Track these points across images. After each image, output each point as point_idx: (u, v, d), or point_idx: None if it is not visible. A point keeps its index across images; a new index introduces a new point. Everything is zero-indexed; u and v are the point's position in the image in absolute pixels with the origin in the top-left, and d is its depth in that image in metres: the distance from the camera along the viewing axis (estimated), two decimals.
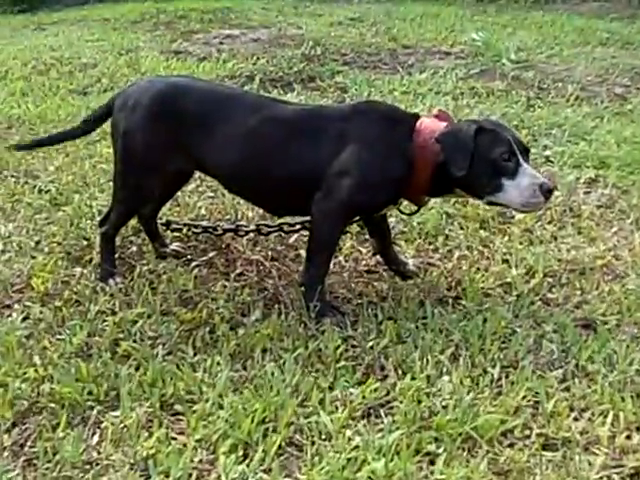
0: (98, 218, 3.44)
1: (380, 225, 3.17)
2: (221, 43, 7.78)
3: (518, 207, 2.80)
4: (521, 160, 2.75)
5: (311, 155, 2.85)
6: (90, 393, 2.46)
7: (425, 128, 2.84)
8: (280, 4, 10.03)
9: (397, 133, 2.85)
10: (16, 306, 3.01)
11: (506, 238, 3.57)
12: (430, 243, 3.51)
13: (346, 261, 3.36)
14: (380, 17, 8.85)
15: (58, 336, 2.79)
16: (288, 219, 3.40)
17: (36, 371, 2.56)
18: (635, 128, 5.09)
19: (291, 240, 3.49)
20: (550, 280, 3.21)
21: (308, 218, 2.95)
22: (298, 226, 3.36)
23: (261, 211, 3.61)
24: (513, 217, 3.73)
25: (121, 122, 3.07)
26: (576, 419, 2.39)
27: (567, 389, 2.52)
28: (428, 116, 2.95)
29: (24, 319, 2.91)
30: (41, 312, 2.94)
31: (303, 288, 2.94)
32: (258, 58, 6.79)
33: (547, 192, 2.73)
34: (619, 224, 3.77)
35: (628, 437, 2.31)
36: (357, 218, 3.10)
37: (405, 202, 3.01)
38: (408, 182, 2.83)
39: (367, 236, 3.37)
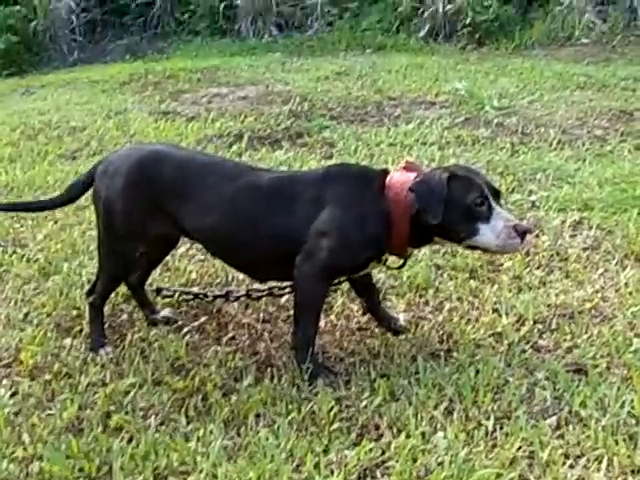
0: (87, 287, 3.45)
1: (366, 284, 3.19)
2: (209, 102, 7.85)
3: (496, 249, 2.84)
4: (493, 204, 2.80)
5: (289, 220, 2.90)
6: (81, 470, 2.44)
7: (396, 182, 2.89)
8: (267, 61, 10.15)
9: (370, 191, 2.90)
10: (4, 381, 2.99)
11: (495, 287, 3.58)
12: (420, 296, 3.52)
13: (338, 319, 3.36)
14: (366, 70, 8.94)
15: (48, 411, 2.77)
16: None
17: (25, 450, 2.54)
18: (615, 169, 5.14)
19: (282, 301, 3.49)
20: (540, 326, 3.23)
21: None
22: (288, 289, 3.37)
23: None
24: (502, 265, 3.75)
25: (102, 190, 3.11)
26: (572, 466, 2.40)
27: (561, 436, 2.54)
28: (397, 169, 2.99)
29: (12, 395, 2.88)
30: (30, 387, 2.92)
31: (294, 350, 2.96)
32: (246, 116, 6.85)
33: (522, 233, 2.78)
34: (605, 265, 3.78)
35: None
36: (342, 278, 3.12)
37: (392, 257, 3.03)
38: (388, 237, 2.87)
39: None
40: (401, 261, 3.05)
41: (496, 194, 2.88)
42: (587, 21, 12.62)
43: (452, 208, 2.77)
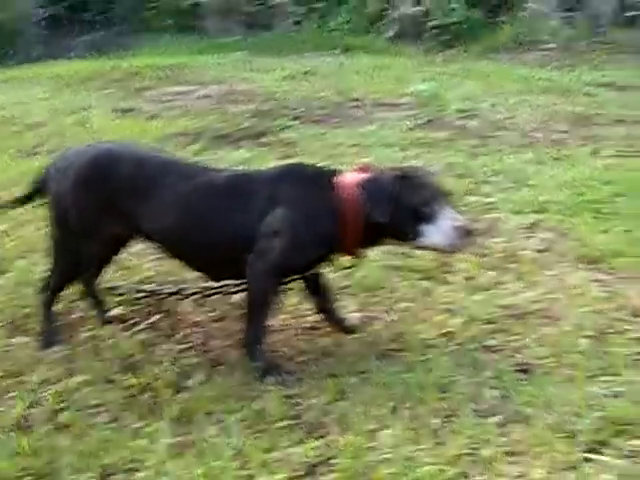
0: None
1: (319, 283, 3.21)
2: (173, 100, 7.86)
3: (443, 249, 2.90)
4: (442, 204, 2.85)
5: (242, 219, 2.92)
6: (28, 468, 2.44)
7: (348, 182, 2.92)
8: (234, 59, 10.16)
9: (322, 190, 2.93)
10: None
11: (448, 287, 3.62)
12: (374, 296, 3.56)
13: (290, 318, 3.38)
14: (331, 70, 9.01)
15: None
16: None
17: None
18: (574, 172, 5.24)
19: (235, 299, 3.51)
20: (490, 327, 3.27)
21: None
22: (241, 287, 3.38)
23: None
24: (455, 266, 3.79)
25: (54, 187, 3.12)
26: (513, 463, 2.43)
27: (505, 434, 2.56)
28: (350, 170, 3.02)
29: None
30: None
31: (245, 348, 2.97)
32: (208, 114, 6.86)
33: (468, 233, 2.83)
34: (557, 267, 3.85)
35: (562, 477, 2.35)
36: (294, 277, 3.14)
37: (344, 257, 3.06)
38: (339, 237, 2.90)
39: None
40: (353, 261, 3.08)
41: (445, 195, 2.92)
42: (553, 26, 12.78)
43: (401, 208, 2.82)
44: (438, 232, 2.82)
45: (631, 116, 7.19)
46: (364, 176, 2.92)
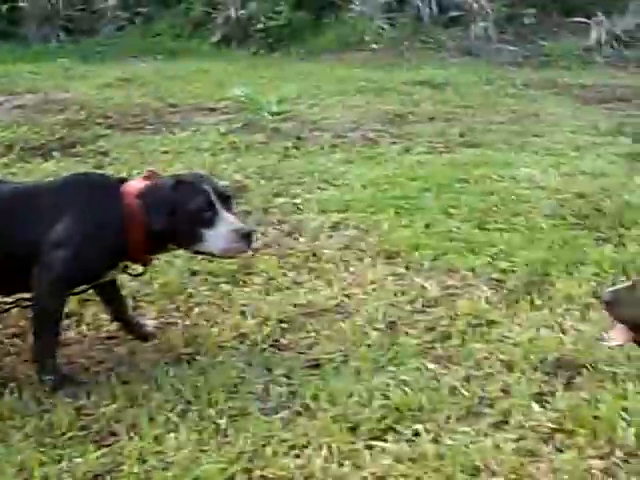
0: None
1: (112, 292, 3.22)
2: None
3: (220, 254, 2.98)
4: (220, 209, 2.91)
5: (28, 231, 2.90)
6: None
7: (131, 190, 2.95)
8: (52, 67, 9.89)
9: (106, 200, 2.95)
10: None
11: (248, 289, 3.70)
12: (172, 302, 3.59)
13: (88, 329, 3.37)
14: (150, 76, 8.93)
15: None
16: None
17: None
18: (381, 170, 5.43)
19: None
20: (285, 326, 3.37)
21: None
22: None
23: None
24: (256, 268, 3.88)
25: None
26: (297, 456, 2.53)
27: (291, 429, 2.66)
28: (136, 178, 3.06)
29: None
30: None
31: (35, 363, 2.95)
32: (19, 126, 6.67)
33: (247, 236, 2.92)
34: (357, 264, 3.99)
35: (341, 465, 2.47)
36: (83, 287, 3.14)
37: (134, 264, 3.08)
38: (124, 245, 2.92)
39: None
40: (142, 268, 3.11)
41: (226, 199, 2.99)
42: (377, 27, 13.13)
43: (178, 214, 2.87)
44: (216, 237, 2.89)
45: (443, 112, 7.48)
46: (144, 184, 2.95)
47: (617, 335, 2.52)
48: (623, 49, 11.83)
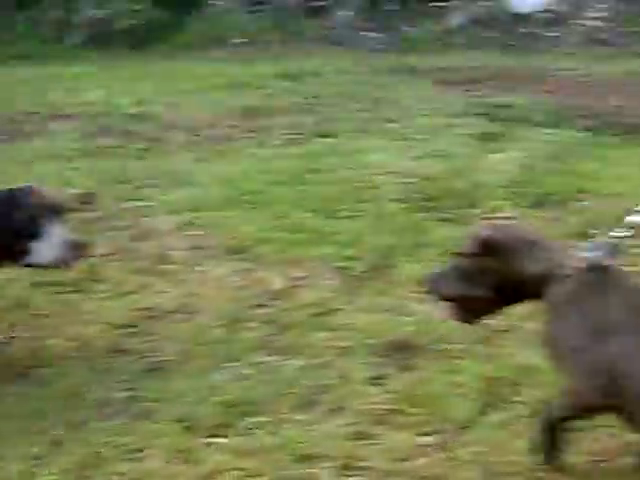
0: None
1: None
2: None
3: (51, 265, 2.98)
4: (48, 221, 2.91)
5: None
6: None
7: None
8: None
9: None
10: None
11: (93, 296, 3.68)
12: (16, 316, 3.51)
13: None
14: (1, 83, 8.66)
15: None
16: None
17: None
18: (233, 166, 5.48)
19: None
20: (128, 331, 3.38)
21: None
22: None
23: None
24: (102, 274, 3.86)
25: None
26: (133, 460, 2.54)
27: (130, 433, 2.66)
28: None
29: None
30: None
31: None
32: None
33: (76, 247, 2.94)
34: (205, 263, 4.03)
35: (176, 465, 2.51)
36: None
37: None
38: None
39: None
40: None
41: (57, 211, 2.98)
42: (241, 21, 13.10)
43: (6, 228, 2.86)
44: (45, 249, 2.89)
45: (300, 104, 7.55)
46: None
47: (442, 313, 2.71)
48: (481, 30, 12.17)
